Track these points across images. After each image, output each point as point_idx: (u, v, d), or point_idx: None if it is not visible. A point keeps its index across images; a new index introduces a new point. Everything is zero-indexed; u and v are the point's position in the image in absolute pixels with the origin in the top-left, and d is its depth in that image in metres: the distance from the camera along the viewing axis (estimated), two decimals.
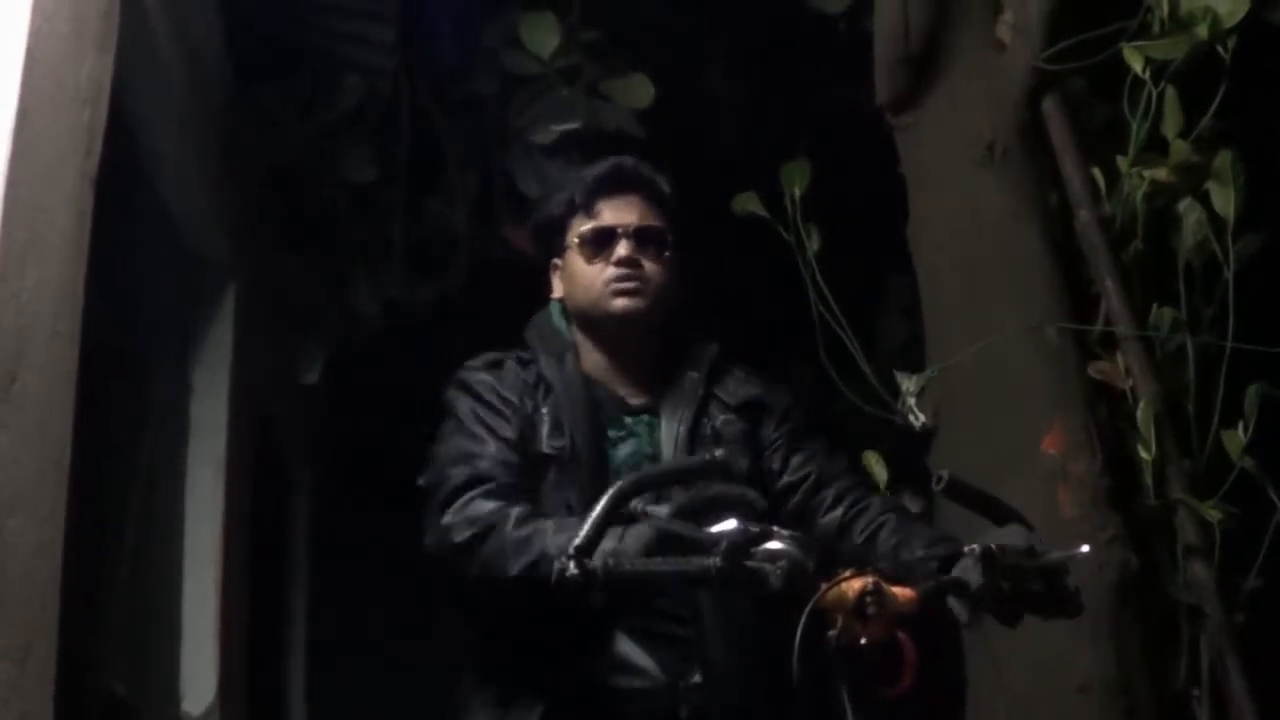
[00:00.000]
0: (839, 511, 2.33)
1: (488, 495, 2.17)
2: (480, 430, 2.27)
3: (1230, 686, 2.96)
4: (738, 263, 4.12)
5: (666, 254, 2.40)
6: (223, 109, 3.77)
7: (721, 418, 2.37)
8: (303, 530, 5.17)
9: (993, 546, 1.91)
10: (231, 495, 3.67)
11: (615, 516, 1.85)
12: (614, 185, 2.43)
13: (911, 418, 3.30)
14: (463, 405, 2.32)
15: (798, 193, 3.51)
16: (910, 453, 3.36)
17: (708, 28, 4.57)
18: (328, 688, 5.11)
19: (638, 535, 1.97)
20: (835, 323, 3.48)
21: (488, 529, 2.11)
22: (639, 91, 4.19)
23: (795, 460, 2.39)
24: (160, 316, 3.63)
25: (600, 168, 2.46)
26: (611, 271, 2.35)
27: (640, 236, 2.38)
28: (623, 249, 2.36)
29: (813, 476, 2.37)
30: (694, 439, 2.32)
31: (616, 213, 2.40)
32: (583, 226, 2.40)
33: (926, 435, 3.30)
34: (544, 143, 4.23)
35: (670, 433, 2.33)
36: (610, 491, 1.85)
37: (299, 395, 4.67)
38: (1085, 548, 1.97)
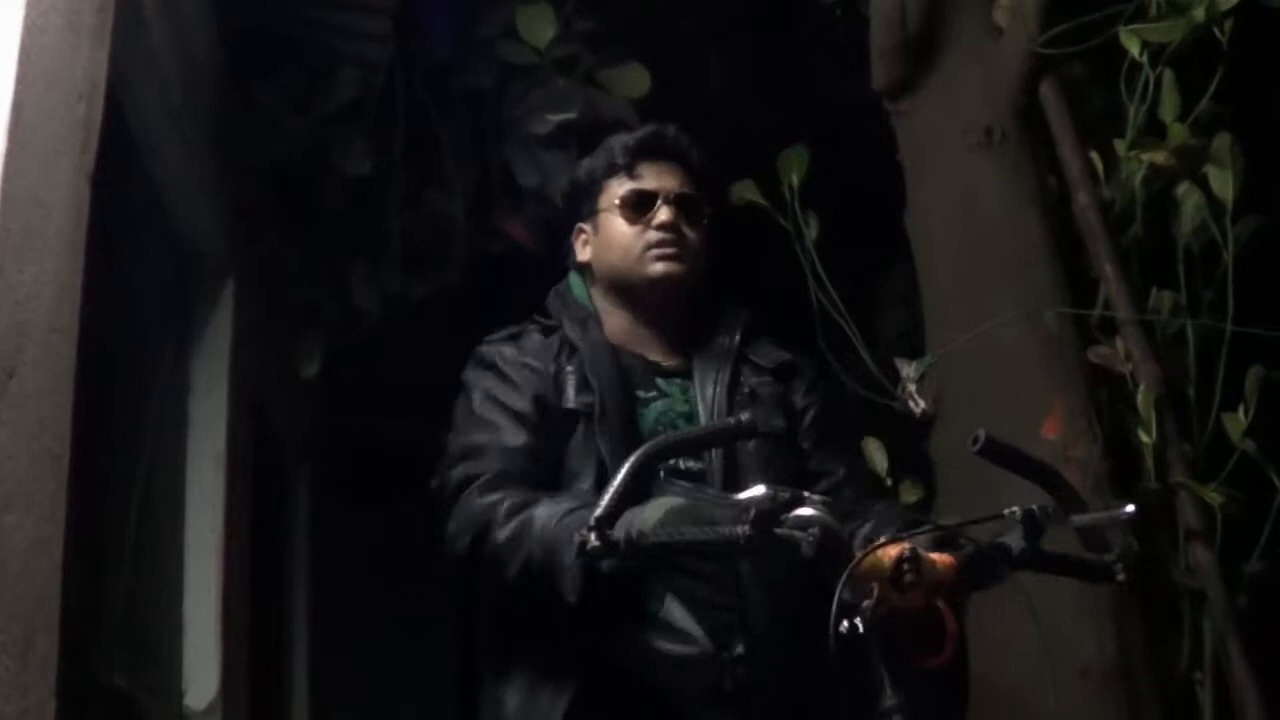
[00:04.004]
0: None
1: (484, 489, 2.12)
2: (492, 414, 2.23)
3: (1232, 670, 2.97)
4: (735, 251, 4.11)
5: (704, 222, 2.39)
6: (218, 103, 3.75)
7: (756, 379, 2.35)
8: (302, 524, 5.16)
9: (1034, 508, 1.82)
10: (232, 489, 3.67)
11: (639, 483, 1.78)
12: (655, 150, 2.41)
13: (911, 404, 3.30)
14: (480, 385, 2.28)
15: (796, 180, 3.50)
16: (910, 439, 3.36)
17: (704, 16, 4.56)
18: (330, 680, 5.11)
19: (660, 504, 1.89)
20: (834, 310, 3.48)
21: (483, 530, 2.08)
22: (636, 81, 4.18)
23: (821, 455, 2.35)
24: (158, 311, 3.62)
25: (643, 131, 2.45)
26: (653, 235, 2.34)
27: (681, 202, 2.36)
28: (664, 214, 2.34)
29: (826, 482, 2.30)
30: (731, 399, 2.30)
31: (658, 177, 2.38)
32: (623, 189, 2.38)
33: (926, 422, 3.30)
34: (541, 133, 4.21)
35: (705, 393, 2.30)
36: (632, 458, 1.79)
37: (297, 390, 4.66)
38: (1130, 507, 1.85)
